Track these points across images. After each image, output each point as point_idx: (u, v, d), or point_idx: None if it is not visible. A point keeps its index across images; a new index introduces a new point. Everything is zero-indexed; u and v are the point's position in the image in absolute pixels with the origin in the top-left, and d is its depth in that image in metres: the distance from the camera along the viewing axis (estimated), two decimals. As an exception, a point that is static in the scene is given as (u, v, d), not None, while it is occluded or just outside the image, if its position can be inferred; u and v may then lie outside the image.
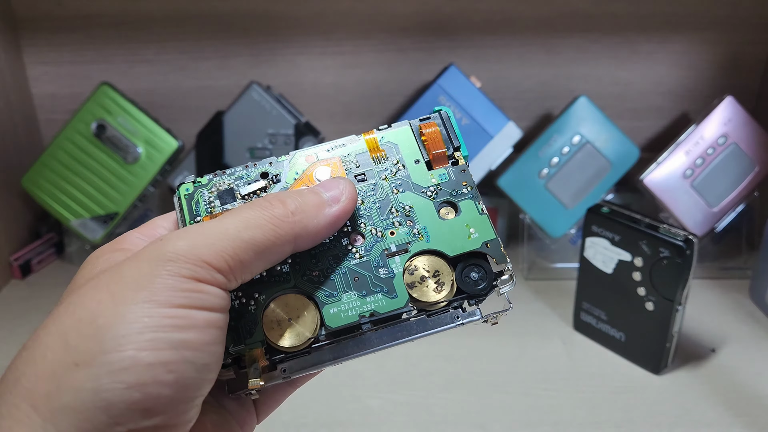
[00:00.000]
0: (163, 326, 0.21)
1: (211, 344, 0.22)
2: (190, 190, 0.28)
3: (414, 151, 0.29)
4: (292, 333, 0.26)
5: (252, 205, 0.24)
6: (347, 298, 0.26)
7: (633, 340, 0.54)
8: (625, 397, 0.51)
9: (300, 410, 0.50)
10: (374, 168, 0.29)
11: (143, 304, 0.21)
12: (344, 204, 0.26)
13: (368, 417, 0.50)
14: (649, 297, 0.52)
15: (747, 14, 0.71)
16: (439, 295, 0.26)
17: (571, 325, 0.59)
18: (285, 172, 0.28)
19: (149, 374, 0.20)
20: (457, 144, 0.29)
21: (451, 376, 0.54)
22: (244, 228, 0.23)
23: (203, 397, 0.23)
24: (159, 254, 0.22)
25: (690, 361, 0.55)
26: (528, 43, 0.72)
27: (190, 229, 0.23)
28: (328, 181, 0.27)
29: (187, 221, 0.27)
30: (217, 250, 0.23)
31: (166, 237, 0.23)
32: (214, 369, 0.23)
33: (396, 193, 0.28)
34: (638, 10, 0.70)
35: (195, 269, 0.22)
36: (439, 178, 0.28)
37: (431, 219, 0.28)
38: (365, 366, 0.54)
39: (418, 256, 0.27)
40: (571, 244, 0.68)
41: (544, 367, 0.55)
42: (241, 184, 0.28)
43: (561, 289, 0.64)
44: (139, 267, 0.22)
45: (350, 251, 0.27)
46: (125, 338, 0.20)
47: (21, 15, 0.70)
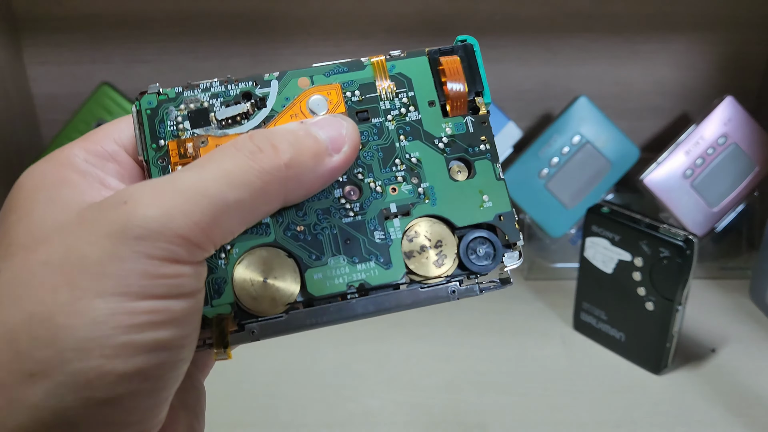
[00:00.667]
0: (137, 325, 0.17)
1: (190, 336, 0.19)
2: (153, 104, 0.23)
3: (429, 89, 0.24)
4: (267, 296, 0.22)
5: (235, 150, 0.20)
6: (335, 263, 0.23)
7: (633, 340, 0.54)
8: (625, 397, 0.51)
9: (299, 411, 0.50)
10: (380, 105, 0.24)
11: (111, 297, 0.17)
12: (347, 154, 0.22)
13: (368, 417, 0.50)
14: (649, 297, 0.52)
15: (748, 14, 0.71)
16: (439, 270, 0.23)
17: (571, 325, 0.59)
18: (272, 96, 0.24)
19: (123, 387, 0.17)
20: (481, 87, 0.24)
21: (451, 376, 0.54)
22: (228, 186, 0.19)
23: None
24: (125, 227, 0.17)
25: (690, 361, 0.55)
26: (528, 43, 0.72)
27: (162, 188, 0.18)
28: (327, 121, 0.22)
29: (148, 146, 0.23)
30: (196, 219, 0.18)
31: (132, 199, 0.18)
32: (190, 358, 0.19)
33: (402, 140, 0.24)
34: (638, 10, 0.70)
35: (172, 249, 0.18)
36: (454, 128, 0.24)
37: (440, 178, 0.24)
38: (365, 366, 0.54)
39: (420, 221, 0.23)
40: (571, 244, 0.68)
41: (544, 367, 0.55)
42: (218, 105, 0.23)
43: (561, 289, 0.64)
44: (100, 245, 0.17)
45: (343, 207, 0.23)
46: (92, 343, 0.16)
47: (21, 15, 0.70)
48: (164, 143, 0.23)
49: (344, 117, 0.23)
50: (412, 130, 0.24)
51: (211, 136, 0.23)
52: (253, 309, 0.22)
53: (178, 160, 0.23)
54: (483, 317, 0.60)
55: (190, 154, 0.23)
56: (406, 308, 0.23)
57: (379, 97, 0.24)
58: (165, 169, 0.23)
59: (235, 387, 0.52)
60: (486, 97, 0.25)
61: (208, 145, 0.23)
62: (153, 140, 0.23)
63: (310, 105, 0.24)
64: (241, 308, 0.22)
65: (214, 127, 0.23)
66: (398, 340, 0.57)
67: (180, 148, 0.23)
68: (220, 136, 0.23)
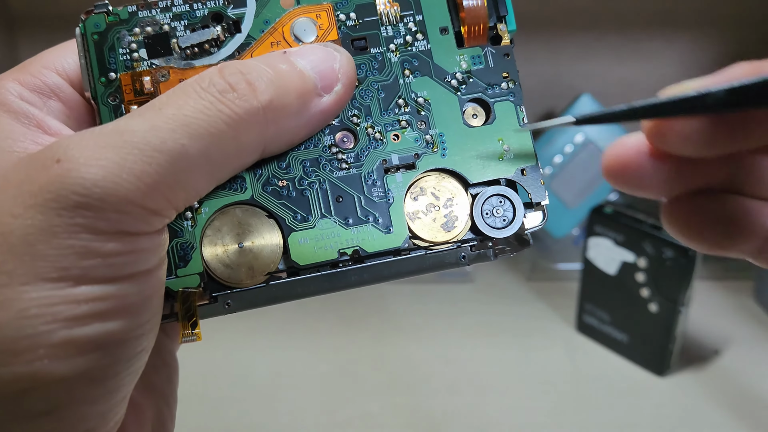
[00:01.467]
0: (78, 317, 0.14)
1: (150, 321, 0.16)
2: (101, 27, 0.19)
3: (441, 12, 0.20)
4: (244, 264, 0.19)
5: (199, 88, 0.16)
6: (325, 226, 0.19)
7: (636, 342, 0.54)
8: (628, 400, 0.51)
9: (299, 413, 0.49)
10: (381, 31, 0.20)
11: (43, 283, 0.13)
12: (339, 94, 0.18)
13: (368, 420, 0.49)
14: (653, 298, 0.51)
15: (752, 12, 0.70)
16: (448, 234, 0.20)
17: (573, 327, 0.59)
18: (248, 19, 0.19)
19: (64, 394, 0.14)
20: (504, 11, 0.21)
21: (451, 378, 0.53)
22: (189, 136, 0.15)
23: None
24: (58, 193, 0.14)
25: (694, 362, 0.55)
26: (531, 41, 0.71)
27: (105, 140, 0.14)
28: (315, 51, 0.18)
29: (96, 80, 0.19)
30: (151, 180, 0.14)
31: (67, 156, 0.14)
32: (151, 347, 0.16)
33: (408, 76, 0.20)
34: (642, 8, 0.70)
35: (121, 219, 0.14)
36: (470, 62, 0.20)
37: (453, 123, 0.20)
38: (365, 368, 0.54)
39: (427, 175, 0.20)
40: (573, 245, 0.68)
41: (547, 370, 0.54)
42: (180, 29, 0.19)
43: (564, 291, 0.64)
44: (28, 216, 0.14)
45: (335, 157, 0.19)
46: (20, 343, 0.13)
47: (18, 13, 0.70)
48: (115, 76, 0.19)
49: (337, 46, 0.19)
50: (419, 64, 0.20)
51: (173, 68, 0.19)
52: (227, 279, 0.19)
53: (133, 98, 0.19)
54: (484, 319, 0.60)
55: (147, 90, 0.19)
56: (407, 276, 0.20)
57: (380, 21, 0.20)
58: (117, 108, 0.19)
59: (233, 389, 0.51)
60: (510, 24, 0.21)
61: (170, 79, 0.19)
62: (101, 72, 0.19)
63: (295, 30, 0.20)
64: (212, 278, 0.19)
65: (176, 57, 0.19)
66: (398, 342, 0.57)
67: (135, 82, 0.19)
68: (185, 68, 0.19)
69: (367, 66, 0.20)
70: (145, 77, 0.19)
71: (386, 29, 0.20)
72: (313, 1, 0.20)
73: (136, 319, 0.15)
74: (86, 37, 0.19)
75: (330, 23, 0.20)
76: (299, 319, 0.58)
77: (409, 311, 0.60)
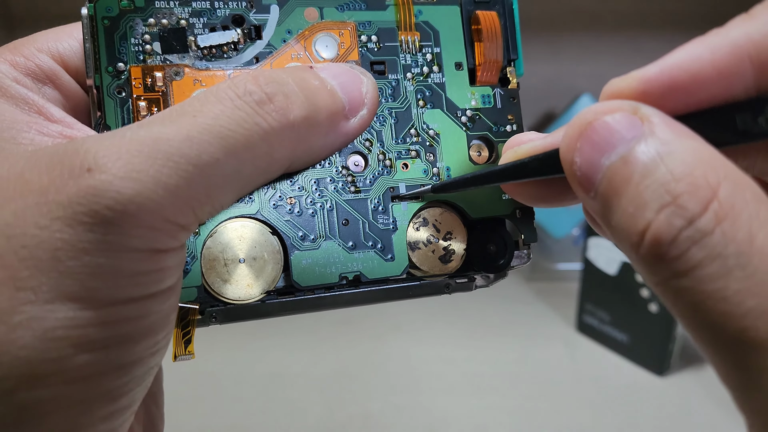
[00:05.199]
0: (104, 339, 0.13)
1: (166, 337, 0.15)
2: (113, 12, 0.17)
3: (458, 47, 0.20)
4: (242, 281, 0.18)
5: (236, 97, 0.15)
6: (328, 248, 0.19)
7: (636, 342, 0.54)
8: (628, 399, 0.51)
9: (300, 414, 0.49)
10: (399, 57, 0.20)
11: (70, 303, 0.12)
12: (364, 119, 0.18)
13: (368, 420, 0.49)
14: (653, 298, 0.51)
15: (752, 11, 0.70)
16: (444, 267, 0.20)
17: (574, 327, 0.59)
18: (270, 26, 0.19)
19: (85, 415, 0.13)
20: (515, 56, 0.21)
21: (452, 379, 0.53)
22: (226, 152, 0.14)
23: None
24: (91, 208, 0.12)
25: (694, 362, 0.55)
26: (531, 40, 0.71)
27: (138, 149, 0.13)
28: (343, 72, 0.17)
29: (103, 68, 0.17)
30: (185, 197, 0.14)
31: (98, 165, 0.13)
32: (160, 362, 0.16)
33: (422, 106, 0.20)
34: (642, 8, 0.70)
35: (154, 237, 0.13)
36: (481, 101, 0.21)
37: (458, 158, 0.20)
38: (365, 369, 0.54)
39: (431, 207, 0.20)
40: (573, 245, 0.68)
41: (547, 370, 0.54)
42: (199, 26, 0.18)
43: (564, 291, 0.64)
44: (55, 229, 0.12)
45: (345, 179, 0.19)
46: (44, 366, 0.12)
47: (17, 13, 0.70)
48: (125, 68, 0.17)
49: (363, 70, 0.19)
50: (433, 96, 0.20)
51: (188, 67, 0.18)
52: (224, 294, 0.18)
53: (142, 93, 0.18)
54: (484, 319, 0.60)
55: (159, 87, 0.18)
56: (393, 300, 0.20)
57: (400, 47, 0.20)
58: (123, 102, 0.17)
59: (233, 390, 0.51)
60: (519, 69, 0.21)
61: (184, 78, 0.18)
62: (110, 61, 0.17)
63: (317, 45, 0.19)
64: (208, 292, 0.18)
65: (192, 56, 0.18)
66: (398, 343, 0.57)
67: (146, 77, 0.18)
68: (201, 69, 0.18)
69: (384, 91, 0.20)
70: (158, 73, 0.18)
71: (405, 57, 0.20)
72: (337, 18, 0.19)
73: (155, 337, 0.14)
74: (95, 20, 0.17)
75: (352, 43, 0.19)
76: (299, 319, 0.58)
77: (409, 311, 0.60)
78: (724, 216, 0.12)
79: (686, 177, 0.13)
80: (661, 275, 0.13)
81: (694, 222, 0.12)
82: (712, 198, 0.12)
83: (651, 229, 0.13)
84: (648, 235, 0.13)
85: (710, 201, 0.12)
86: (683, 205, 0.12)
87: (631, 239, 0.13)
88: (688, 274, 0.13)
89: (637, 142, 0.13)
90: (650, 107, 0.14)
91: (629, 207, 0.13)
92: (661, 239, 0.13)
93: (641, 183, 0.13)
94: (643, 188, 0.13)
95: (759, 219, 0.12)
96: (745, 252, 0.12)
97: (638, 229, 0.13)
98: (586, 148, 0.14)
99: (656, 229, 0.13)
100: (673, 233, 0.13)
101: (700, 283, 0.12)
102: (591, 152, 0.14)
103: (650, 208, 0.13)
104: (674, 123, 0.14)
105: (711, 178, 0.13)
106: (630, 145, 0.13)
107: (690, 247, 0.12)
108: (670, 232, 0.13)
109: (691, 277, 0.13)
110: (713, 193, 0.12)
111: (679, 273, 0.13)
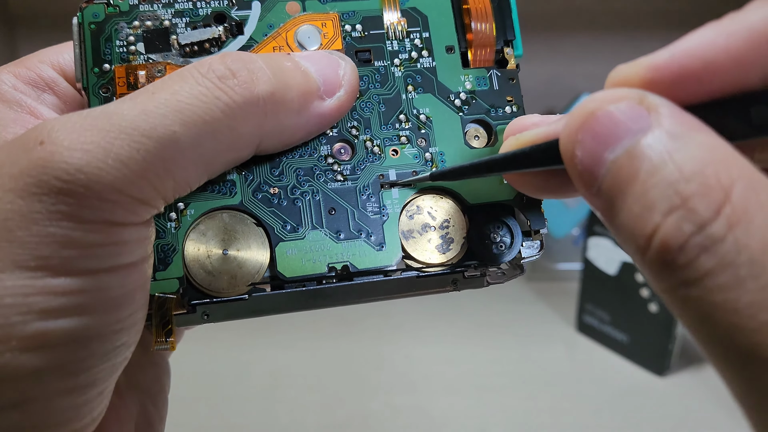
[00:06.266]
0: (55, 309, 0.13)
1: (132, 316, 0.15)
2: (99, 18, 0.18)
3: (448, 31, 0.20)
4: (226, 272, 0.18)
5: (197, 73, 0.15)
6: (314, 238, 0.18)
7: (636, 342, 0.54)
8: (628, 399, 0.51)
9: (299, 413, 0.49)
10: (386, 45, 0.20)
11: (20, 271, 0.13)
12: (341, 100, 0.18)
13: (368, 420, 0.49)
14: (653, 298, 0.51)
15: (752, 11, 0.70)
16: (442, 257, 0.19)
17: (573, 327, 0.59)
18: (252, 21, 0.19)
19: (36, 387, 0.13)
20: (512, 36, 0.21)
21: (451, 379, 0.53)
22: (183, 124, 0.14)
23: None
24: (40, 178, 0.13)
25: (694, 362, 0.55)
26: (530, 40, 0.71)
27: (92, 123, 0.14)
28: (320, 56, 0.18)
29: (89, 70, 0.18)
30: (139, 168, 0.14)
31: (51, 138, 0.13)
32: (134, 342, 0.15)
33: (411, 92, 0.20)
34: (641, 7, 0.70)
35: (106, 207, 0.13)
36: (475, 83, 0.20)
37: (453, 142, 0.20)
38: (365, 369, 0.54)
39: (425, 194, 0.19)
40: (573, 245, 0.68)
41: (547, 370, 0.54)
42: (182, 26, 0.19)
43: (564, 291, 0.64)
44: (7, 201, 0.13)
45: (330, 168, 0.19)
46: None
47: (17, 12, 0.70)
48: (110, 68, 0.18)
49: (342, 55, 0.19)
50: (423, 81, 0.20)
51: (170, 65, 0.19)
52: (207, 287, 0.18)
53: (126, 91, 0.18)
54: (484, 319, 0.60)
55: (141, 84, 0.18)
56: (394, 297, 0.19)
57: (386, 35, 0.20)
58: (107, 101, 0.18)
59: (233, 389, 0.51)
60: (517, 49, 0.21)
61: (166, 75, 0.18)
62: (96, 63, 0.18)
63: (299, 37, 0.19)
64: (192, 284, 0.18)
65: (174, 54, 0.18)
66: (398, 343, 0.57)
67: (129, 75, 0.18)
68: (182, 65, 0.19)
69: (370, 78, 0.19)
70: (140, 71, 0.18)
71: (392, 43, 0.20)
72: (320, 10, 0.19)
73: (116, 314, 0.14)
74: (83, 26, 0.18)
75: (335, 33, 0.19)
76: (299, 318, 0.58)
77: (409, 311, 0.60)
78: (737, 221, 0.12)
79: (697, 176, 0.12)
80: (669, 282, 0.12)
81: (705, 227, 0.12)
82: (725, 201, 0.12)
83: (659, 234, 0.12)
84: (655, 240, 0.12)
85: (722, 204, 0.12)
86: (693, 208, 0.12)
87: (638, 242, 0.13)
88: (697, 283, 0.12)
89: (644, 134, 0.12)
90: (658, 96, 0.13)
91: (635, 207, 0.12)
92: (669, 245, 0.12)
93: (648, 181, 0.12)
94: (651, 187, 0.12)
95: None
96: (759, 261, 0.11)
97: (645, 232, 0.12)
98: (588, 140, 0.13)
99: (664, 233, 0.12)
100: (682, 239, 0.12)
101: (710, 294, 0.12)
102: (593, 145, 0.13)
103: (658, 210, 0.12)
104: (684, 114, 0.13)
105: (723, 178, 0.12)
106: (636, 138, 0.12)
107: (700, 255, 0.12)
108: (678, 237, 0.12)
109: (701, 287, 0.12)
110: (726, 195, 0.12)
111: (687, 281, 0.12)
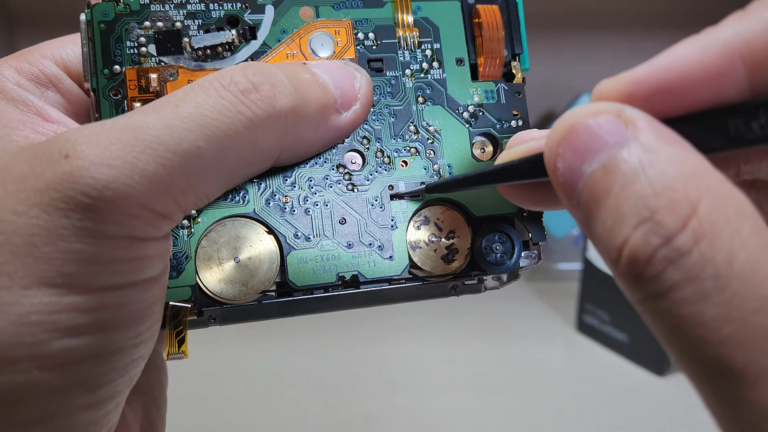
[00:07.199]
0: (80, 327, 0.13)
1: (150, 329, 0.15)
2: (109, 17, 0.18)
3: (459, 43, 0.20)
4: (238, 280, 0.18)
5: (220, 86, 0.15)
6: (326, 247, 0.19)
7: (636, 342, 0.54)
8: (628, 399, 0.51)
9: (299, 413, 0.49)
10: (398, 54, 0.20)
11: (45, 288, 0.12)
12: (357, 114, 0.18)
13: (368, 420, 0.49)
14: (653, 298, 0.51)
15: (752, 11, 0.70)
16: (448, 267, 0.20)
17: (573, 327, 0.59)
18: (265, 26, 0.19)
19: (61, 402, 0.13)
20: (519, 50, 0.21)
21: (451, 378, 0.53)
22: (207, 139, 0.14)
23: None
24: (66, 194, 0.13)
25: (694, 363, 0.55)
26: (531, 40, 0.71)
27: (117, 137, 0.13)
28: (336, 67, 0.18)
29: (98, 71, 0.18)
30: (164, 183, 0.14)
31: (76, 152, 0.13)
32: (148, 354, 0.16)
33: (422, 103, 0.20)
34: (642, 8, 0.70)
35: (132, 224, 0.13)
36: (483, 96, 0.20)
37: (461, 154, 0.20)
38: (365, 368, 0.54)
39: (432, 205, 0.20)
40: (573, 245, 0.68)
41: (547, 370, 0.54)
42: (194, 28, 0.18)
43: (564, 291, 0.64)
44: (32, 216, 0.12)
45: (341, 177, 0.19)
46: (18, 350, 0.12)
47: (16, 12, 0.69)
48: (120, 70, 0.18)
49: (357, 66, 0.19)
50: (433, 92, 0.20)
51: (182, 68, 0.18)
52: (219, 294, 0.18)
53: (137, 95, 0.18)
54: (484, 319, 0.60)
55: (153, 88, 0.18)
56: (397, 302, 0.20)
57: (398, 44, 0.20)
58: (119, 104, 0.18)
59: (233, 390, 0.51)
60: (524, 63, 0.21)
61: (178, 79, 0.18)
62: (106, 64, 0.18)
63: (312, 44, 0.19)
64: (203, 292, 0.18)
65: (186, 57, 0.18)
66: (398, 342, 0.57)
67: (140, 78, 0.18)
68: (195, 69, 0.18)
69: (381, 89, 0.20)
70: (152, 74, 0.18)
71: (403, 54, 0.20)
72: (333, 16, 0.19)
73: (136, 328, 0.14)
74: (92, 24, 0.18)
75: (348, 40, 0.19)
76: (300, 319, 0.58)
77: (409, 311, 0.60)
78: (703, 235, 0.12)
79: (666, 191, 0.12)
80: (639, 294, 0.13)
81: (671, 240, 0.12)
82: (691, 215, 0.12)
83: (627, 246, 0.12)
84: (625, 252, 0.12)
85: (689, 218, 0.12)
86: (661, 221, 0.12)
87: (610, 254, 0.13)
88: (665, 295, 0.12)
89: (620, 148, 0.13)
90: (636, 110, 0.13)
91: (608, 220, 0.13)
92: (638, 257, 0.12)
93: (621, 195, 0.12)
94: (623, 201, 0.12)
95: (741, 238, 0.12)
96: (724, 275, 0.11)
97: (616, 244, 0.13)
98: (568, 153, 0.13)
99: (632, 245, 0.12)
100: (649, 252, 0.12)
101: (677, 306, 0.12)
102: (573, 158, 0.13)
103: (628, 223, 0.12)
104: (661, 127, 0.13)
105: (691, 192, 0.12)
106: (612, 151, 0.13)
107: (666, 268, 0.12)
108: (646, 250, 0.12)
109: (668, 299, 0.12)
110: (693, 208, 0.12)
111: (655, 294, 0.12)
